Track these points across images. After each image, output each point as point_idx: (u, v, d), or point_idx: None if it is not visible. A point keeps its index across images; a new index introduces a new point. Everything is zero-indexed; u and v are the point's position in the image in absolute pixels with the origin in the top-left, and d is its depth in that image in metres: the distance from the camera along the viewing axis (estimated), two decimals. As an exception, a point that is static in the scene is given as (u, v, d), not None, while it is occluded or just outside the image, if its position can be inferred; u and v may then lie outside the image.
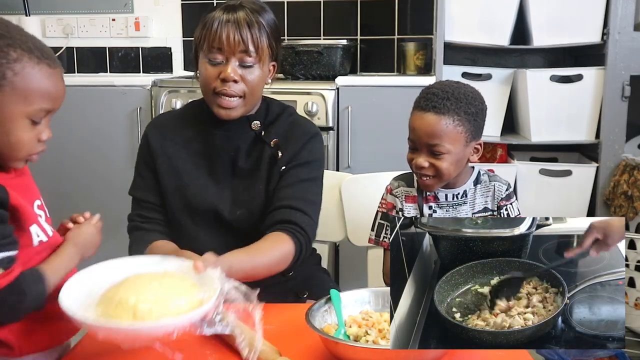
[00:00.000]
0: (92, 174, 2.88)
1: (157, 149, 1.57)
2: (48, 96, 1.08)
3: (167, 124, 1.61)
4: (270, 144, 1.56)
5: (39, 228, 1.12)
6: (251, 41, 1.47)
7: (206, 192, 1.54)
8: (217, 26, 1.46)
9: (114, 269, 1.13)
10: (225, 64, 1.48)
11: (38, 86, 1.06)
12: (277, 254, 1.42)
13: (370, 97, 2.68)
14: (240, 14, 1.47)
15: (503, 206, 1.51)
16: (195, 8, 3.37)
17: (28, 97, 1.05)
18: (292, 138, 1.56)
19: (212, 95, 1.50)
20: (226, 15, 1.47)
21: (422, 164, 1.42)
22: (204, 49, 1.49)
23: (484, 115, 1.46)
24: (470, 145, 1.45)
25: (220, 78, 1.47)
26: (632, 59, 2.57)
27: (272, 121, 1.59)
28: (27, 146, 1.08)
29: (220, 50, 1.47)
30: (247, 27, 1.46)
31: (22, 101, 1.05)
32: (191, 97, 2.74)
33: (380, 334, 1.10)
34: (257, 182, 1.55)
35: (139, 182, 1.60)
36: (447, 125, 1.39)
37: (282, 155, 1.54)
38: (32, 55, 1.05)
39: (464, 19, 2.70)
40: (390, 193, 1.57)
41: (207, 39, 1.48)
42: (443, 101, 1.39)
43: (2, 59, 1.02)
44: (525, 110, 2.75)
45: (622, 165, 2.59)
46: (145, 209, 1.58)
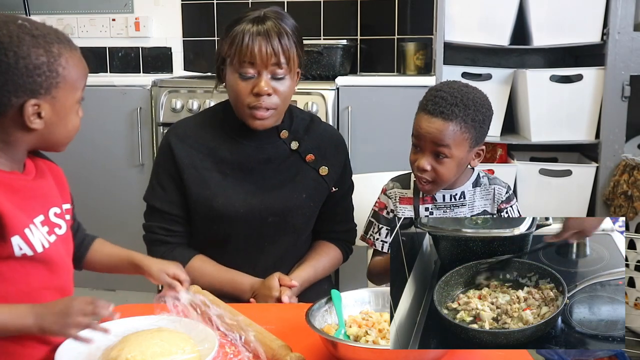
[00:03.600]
0: (92, 174, 2.87)
1: (183, 159, 1.54)
2: (84, 76, 1.13)
3: (189, 132, 1.58)
4: (305, 159, 1.60)
5: (22, 240, 1.04)
6: (282, 52, 1.46)
7: (235, 202, 1.53)
8: (248, 39, 1.45)
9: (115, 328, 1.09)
10: (257, 77, 1.47)
11: (79, 72, 1.10)
12: (331, 265, 1.67)
13: (370, 97, 2.68)
14: (268, 24, 1.46)
15: (503, 209, 1.50)
16: (195, 8, 3.37)
17: (75, 84, 1.09)
18: (328, 151, 1.63)
19: (246, 109, 1.49)
20: (255, 27, 1.46)
21: (425, 167, 1.41)
22: (234, 63, 1.48)
23: (489, 122, 1.45)
24: (473, 150, 1.44)
25: (254, 93, 1.47)
26: (632, 59, 2.57)
27: (300, 129, 1.62)
28: (78, 129, 1.13)
29: (252, 64, 1.46)
30: (277, 38, 1.46)
31: (73, 90, 1.09)
32: (191, 97, 2.75)
33: (380, 334, 1.10)
34: (294, 192, 1.57)
35: (160, 192, 1.57)
36: (455, 132, 1.37)
37: (328, 174, 1.61)
38: (65, 45, 1.08)
39: (464, 19, 2.70)
40: (384, 193, 1.57)
41: (238, 54, 1.46)
42: (452, 107, 1.37)
43: (51, 59, 1.05)
44: (525, 110, 2.75)
45: (622, 165, 2.59)
46: (169, 222, 1.57)
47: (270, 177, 1.57)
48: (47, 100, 1.05)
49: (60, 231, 1.15)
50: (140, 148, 2.81)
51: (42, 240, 1.09)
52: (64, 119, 1.09)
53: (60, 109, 1.08)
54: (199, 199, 1.53)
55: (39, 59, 1.03)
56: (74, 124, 1.12)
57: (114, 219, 2.74)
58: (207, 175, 1.54)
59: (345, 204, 1.70)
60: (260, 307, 1.40)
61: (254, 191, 1.55)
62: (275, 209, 1.55)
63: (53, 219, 1.13)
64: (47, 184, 1.15)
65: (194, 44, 3.41)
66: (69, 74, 1.07)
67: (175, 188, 1.56)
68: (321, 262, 1.63)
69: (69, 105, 1.09)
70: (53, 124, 1.08)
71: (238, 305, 1.27)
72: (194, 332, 1.10)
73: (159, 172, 1.58)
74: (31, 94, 1.04)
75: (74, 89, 1.09)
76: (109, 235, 1.35)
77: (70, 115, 1.10)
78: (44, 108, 1.05)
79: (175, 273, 1.21)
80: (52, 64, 1.05)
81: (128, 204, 2.80)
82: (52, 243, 1.11)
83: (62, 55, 1.06)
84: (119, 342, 1.03)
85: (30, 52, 1.03)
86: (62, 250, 1.15)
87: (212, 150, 1.56)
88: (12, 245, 1.04)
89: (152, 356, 0.99)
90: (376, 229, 1.58)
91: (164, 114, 2.77)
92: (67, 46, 1.09)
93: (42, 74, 1.04)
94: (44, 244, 1.09)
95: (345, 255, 1.71)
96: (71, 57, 1.08)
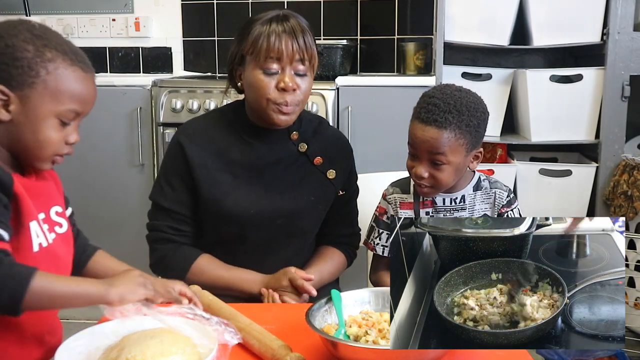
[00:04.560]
0: (92, 174, 2.87)
1: (195, 158, 1.54)
2: (78, 98, 1.09)
3: (199, 132, 1.58)
4: (313, 162, 1.60)
5: (39, 227, 1.09)
6: (305, 50, 1.50)
7: (245, 203, 1.53)
8: (275, 36, 1.46)
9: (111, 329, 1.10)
10: (280, 73, 1.48)
11: (69, 87, 1.08)
12: (337, 270, 1.67)
13: (370, 97, 2.68)
14: (292, 22, 1.49)
15: (504, 213, 1.50)
16: (195, 8, 3.37)
17: (59, 96, 1.07)
18: (335, 154, 1.65)
19: (271, 104, 1.49)
20: (280, 26, 1.48)
21: (422, 174, 1.41)
22: (259, 60, 1.48)
23: (485, 124, 1.44)
24: (471, 154, 1.44)
25: (279, 88, 1.47)
26: (632, 59, 2.58)
27: (308, 132, 1.62)
28: (53, 146, 1.09)
29: (278, 60, 1.47)
30: (301, 35, 1.49)
31: (53, 100, 1.06)
32: (191, 97, 2.75)
33: (380, 334, 1.10)
34: (302, 194, 1.57)
35: (169, 192, 1.56)
36: (449, 139, 1.37)
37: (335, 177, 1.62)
38: (66, 57, 1.08)
39: (464, 19, 2.70)
40: (384, 198, 1.58)
41: (265, 50, 1.47)
42: (445, 114, 1.36)
43: (37, 58, 1.05)
44: (525, 111, 2.75)
45: (622, 165, 2.59)
46: (177, 221, 1.56)
47: (280, 179, 1.57)
48: (18, 95, 1.05)
49: (61, 230, 1.16)
50: (140, 148, 2.81)
51: (47, 235, 1.11)
52: (33, 124, 1.07)
53: (30, 112, 1.06)
54: (209, 199, 1.53)
55: (24, 53, 1.04)
56: (46, 136, 1.08)
57: (113, 219, 2.74)
58: (218, 176, 1.54)
59: (349, 208, 1.70)
60: (260, 307, 1.40)
61: (264, 192, 1.55)
62: (285, 210, 1.55)
63: (54, 217, 1.14)
64: (48, 185, 1.16)
65: (194, 44, 3.41)
66: (52, 82, 1.06)
67: (184, 188, 1.55)
68: (327, 267, 1.63)
69: (42, 112, 1.06)
70: (20, 123, 1.06)
71: (238, 306, 1.27)
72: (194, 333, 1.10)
73: (167, 172, 1.58)
74: (3, 81, 1.04)
75: (54, 99, 1.06)
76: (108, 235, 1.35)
77: (42, 124, 1.07)
78: (13, 101, 1.05)
79: (182, 290, 1.18)
80: (36, 63, 1.04)
81: (128, 204, 2.80)
82: (54, 240, 1.13)
83: (53, 62, 1.06)
84: (119, 342, 1.03)
85: (19, 45, 1.04)
86: (64, 248, 1.16)
87: (223, 150, 1.56)
88: (31, 232, 1.07)
89: (153, 356, 0.99)
90: (376, 234, 1.58)
91: (164, 114, 2.77)
92: (74, 62, 1.08)
93: (19, 67, 1.04)
94: (48, 239, 1.11)
95: (349, 259, 1.70)
96: (69, 72, 1.07)
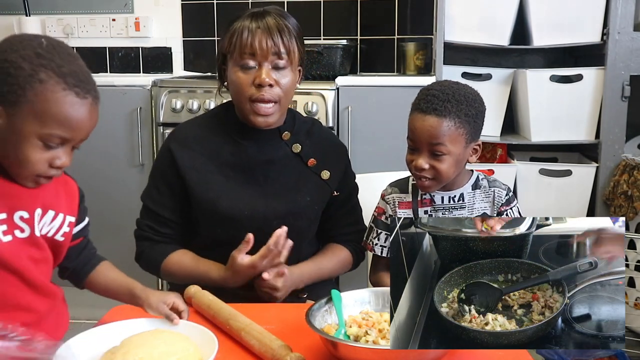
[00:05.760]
0: (92, 174, 2.87)
1: (185, 162, 1.54)
2: (65, 123, 1.06)
3: (190, 135, 1.58)
4: (307, 164, 1.59)
5: None
6: (282, 45, 1.48)
7: (239, 204, 1.53)
8: (248, 34, 1.46)
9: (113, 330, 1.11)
10: (258, 69, 1.48)
11: (56, 112, 1.05)
12: (339, 264, 1.65)
13: (370, 97, 2.68)
14: (269, 19, 1.48)
15: (503, 212, 1.50)
16: (195, 8, 3.37)
17: (43, 119, 1.04)
18: (329, 156, 1.63)
19: (248, 103, 1.49)
20: (255, 23, 1.48)
21: (423, 166, 1.41)
22: (235, 57, 1.48)
23: (483, 117, 1.46)
24: (470, 146, 1.44)
25: (255, 83, 1.47)
26: (632, 59, 2.57)
27: (302, 133, 1.62)
28: (34, 166, 1.07)
29: (253, 55, 1.47)
30: (277, 32, 1.48)
31: (36, 121, 1.04)
32: (191, 97, 2.75)
33: (380, 334, 1.10)
34: (298, 196, 1.57)
35: (154, 193, 1.58)
36: (449, 127, 1.38)
37: (330, 177, 1.61)
38: (61, 80, 1.04)
39: (464, 19, 2.70)
40: (382, 199, 1.58)
41: (238, 47, 1.47)
42: (444, 103, 1.38)
43: (30, 77, 1.03)
44: (525, 110, 2.75)
45: (622, 165, 2.59)
46: (158, 223, 1.57)
47: (274, 180, 1.57)
48: (7, 110, 1.04)
49: (22, 234, 1.13)
50: (140, 148, 2.81)
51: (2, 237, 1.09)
52: (16, 142, 1.05)
53: (14, 129, 1.05)
54: (203, 201, 1.53)
55: (18, 70, 1.02)
56: (26, 156, 1.06)
57: (113, 219, 2.74)
58: (210, 178, 1.54)
59: (350, 206, 1.70)
60: (260, 307, 1.40)
61: (258, 193, 1.55)
62: (280, 212, 1.55)
63: (17, 221, 1.12)
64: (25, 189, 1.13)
65: (194, 44, 3.41)
66: (38, 104, 1.03)
67: (171, 193, 1.56)
68: (326, 260, 1.62)
69: (26, 132, 1.05)
70: (6, 138, 1.06)
71: (238, 306, 1.27)
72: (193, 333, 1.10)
73: (156, 175, 1.59)
74: None
75: (38, 121, 1.04)
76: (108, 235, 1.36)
77: (24, 143, 1.05)
78: (1, 115, 1.04)
79: (175, 303, 1.21)
80: (25, 82, 1.02)
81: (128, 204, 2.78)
82: (9, 242, 1.11)
83: (44, 83, 1.03)
84: (122, 345, 1.03)
85: (16, 61, 1.02)
86: (22, 254, 1.13)
87: (214, 152, 1.56)
88: None
89: (160, 356, 0.99)
90: (375, 234, 1.58)
91: (164, 114, 2.77)
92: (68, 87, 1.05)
93: (11, 84, 1.02)
94: (2, 239, 1.09)
95: (355, 255, 1.68)
96: (59, 96, 1.04)
